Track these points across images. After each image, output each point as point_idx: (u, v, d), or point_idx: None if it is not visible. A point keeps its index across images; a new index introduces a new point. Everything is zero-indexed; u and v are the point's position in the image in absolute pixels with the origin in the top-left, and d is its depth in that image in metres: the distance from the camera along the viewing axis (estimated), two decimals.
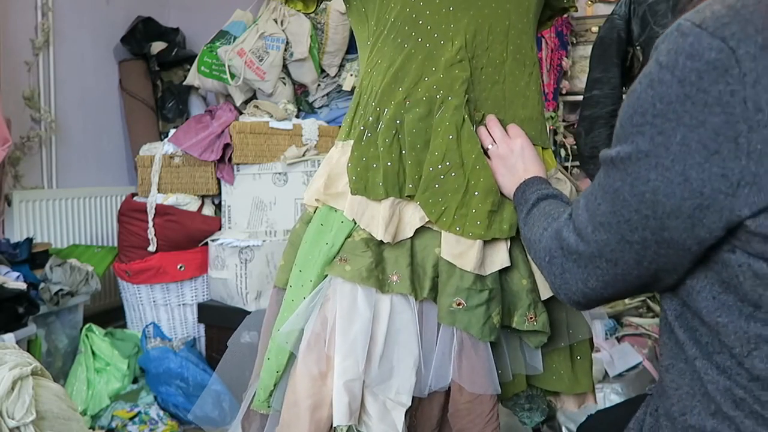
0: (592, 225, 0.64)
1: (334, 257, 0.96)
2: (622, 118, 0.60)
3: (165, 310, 2.50)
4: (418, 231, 0.96)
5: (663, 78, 0.55)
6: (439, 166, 0.94)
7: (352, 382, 0.90)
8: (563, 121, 3.00)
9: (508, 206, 0.95)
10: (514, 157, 0.94)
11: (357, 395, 0.91)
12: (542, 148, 1.03)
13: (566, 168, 2.90)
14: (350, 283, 0.93)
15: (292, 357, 0.98)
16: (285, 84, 2.75)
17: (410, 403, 0.92)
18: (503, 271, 0.96)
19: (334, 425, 0.90)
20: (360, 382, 0.91)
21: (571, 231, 0.68)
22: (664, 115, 0.55)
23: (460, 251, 0.93)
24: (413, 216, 0.95)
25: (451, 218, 0.93)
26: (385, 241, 0.94)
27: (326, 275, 0.97)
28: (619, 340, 2.06)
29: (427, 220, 0.95)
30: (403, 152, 0.96)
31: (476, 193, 0.93)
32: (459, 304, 0.92)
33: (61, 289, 2.16)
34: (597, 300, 0.69)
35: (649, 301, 2.23)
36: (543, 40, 2.75)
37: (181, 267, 2.45)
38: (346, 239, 0.96)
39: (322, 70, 2.81)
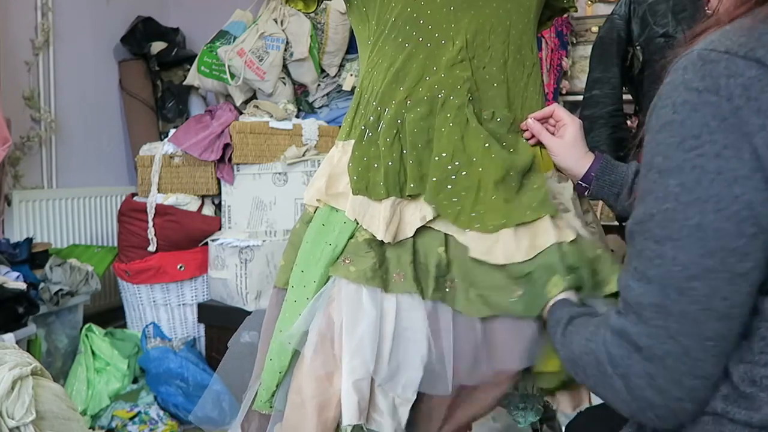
0: (675, 289, 0.57)
1: (338, 258, 0.96)
2: (664, 152, 0.58)
3: (165, 310, 2.50)
4: (420, 231, 0.95)
5: (708, 100, 0.56)
6: (449, 167, 0.93)
7: (360, 381, 0.90)
8: None
9: (526, 191, 0.93)
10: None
11: (366, 394, 0.91)
12: (542, 148, 1.03)
13: None
14: (355, 283, 0.93)
15: (294, 357, 0.98)
16: (285, 84, 2.75)
17: (415, 398, 0.92)
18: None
19: (343, 424, 0.90)
20: (368, 380, 0.91)
21: (632, 322, 0.60)
22: (723, 130, 0.55)
23: (486, 247, 0.91)
24: (414, 215, 0.95)
25: (468, 216, 0.92)
26: (385, 241, 0.94)
27: (330, 276, 0.96)
28: None
29: (428, 219, 0.94)
30: (404, 152, 0.96)
31: (488, 187, 0.93)
32: (517, 295, 0.88)
33: (61, 289, 2.16)
34: (703, 381, 0.59)
35: None
36: (543, 40, 2.74)
37: (181, 267, 2.45)
38: (349, 240, 0.96)
39: (322, 70, 2.81)
